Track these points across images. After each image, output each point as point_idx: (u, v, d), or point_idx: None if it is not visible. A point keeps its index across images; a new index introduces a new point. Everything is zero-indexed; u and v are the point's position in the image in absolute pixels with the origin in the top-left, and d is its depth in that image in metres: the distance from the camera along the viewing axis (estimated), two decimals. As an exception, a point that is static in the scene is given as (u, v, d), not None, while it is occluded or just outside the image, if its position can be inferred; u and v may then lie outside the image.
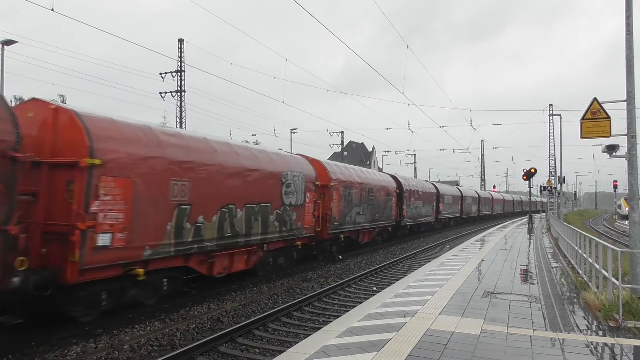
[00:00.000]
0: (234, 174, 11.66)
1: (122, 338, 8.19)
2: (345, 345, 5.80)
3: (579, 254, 12.36)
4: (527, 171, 31.07)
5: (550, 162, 42.00)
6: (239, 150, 12.45)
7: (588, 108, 10.27)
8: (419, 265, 16.11)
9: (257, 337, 8.58)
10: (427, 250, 23.26)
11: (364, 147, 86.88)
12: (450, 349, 5.76)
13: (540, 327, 6.95)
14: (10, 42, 20.35)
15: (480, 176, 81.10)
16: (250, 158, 12.64)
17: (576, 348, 5.97)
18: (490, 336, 6.33)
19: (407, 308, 7.83)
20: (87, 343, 7.82)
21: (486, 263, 13.96)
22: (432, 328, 6.63)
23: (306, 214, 15.57)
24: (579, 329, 6.98)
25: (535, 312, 7.90)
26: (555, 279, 11.62)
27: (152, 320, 9.23)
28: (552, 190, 38.27)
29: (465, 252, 17.25)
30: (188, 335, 8.57)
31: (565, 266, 13.98)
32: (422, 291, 9.35)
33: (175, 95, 33.12)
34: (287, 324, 9.53)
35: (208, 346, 7.72)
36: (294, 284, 13.63)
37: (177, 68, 32.70)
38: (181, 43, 32.89)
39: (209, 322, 9.42)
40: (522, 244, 21.21)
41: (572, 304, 8.71)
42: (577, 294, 9.69)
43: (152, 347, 7.84)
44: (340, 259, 18.60)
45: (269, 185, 13.29)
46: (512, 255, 16.10)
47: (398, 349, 5.66)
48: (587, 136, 10.29)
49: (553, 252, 17.99)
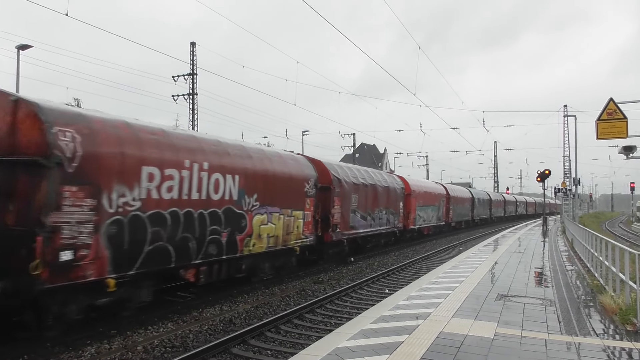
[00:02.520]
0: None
1: (135, 339, 8.25)
2: (357, 348, 5.77)
3: (594, 257, 12.18)
4: (542, 173, 30.71)
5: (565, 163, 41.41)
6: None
7: (604, 109, 10.13)
8: (431, 268, 16.00)
9: (269, 339, 8.59)
10: (440, 252, 23.09)
11: (376, 149, 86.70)
12: (463, 352, 5.70)
13: (556, 330, 6.85)
14: (25, 47, 20.67)
15: (493, 178, 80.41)
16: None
17: (593, 352, 5.87)
18: (504, 339, 6.25)
19: (419, 310, 7.77)
20: (101, 344, 7.89)
21: (500, 266, 13.82)
22: (445, 331, 6.57)
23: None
24: (595, 333, 6.87)
25: (550, 315, 7.79)
26: (570, 282, 11.45)
27: (165, 322, 9.29)
28: (567, 192, 37.77)
29: (478, 254, 17.09)
30: (201, 336, 8.61)
31: (580, 269, 13.78)
32: (435, 294, 9.27)
33: (188, 98, 33.37)
34: (299, 326, 9.52)
35: (220, 348, 7.74)
36: (305, 286, 13.62)
37: (190, 71, 32.96)
38: (193, 46, 33.13)
39: (221, 323, 9.45)
40: (537, 246, 20.96)
41: (588, 308, 8.58)
42: (593, 297, 9.54)
43: (165, 349, 7.89)
44: (352, 261, 18.55)
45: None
46: (526, 258, 15.91)
47: (411, 352, 5.62)
48: (603, 137, 10.16)
49: (568, 255, 17.75)
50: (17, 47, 20.49)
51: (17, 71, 20.04)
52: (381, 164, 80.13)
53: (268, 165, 12.94)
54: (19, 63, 20.21)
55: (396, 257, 21.07)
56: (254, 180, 11.98)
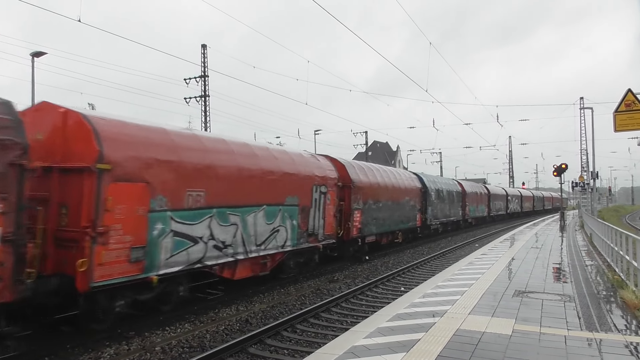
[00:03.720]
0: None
1: (153, 340, 8.33)
2: (373, 346, 5.75)
3: (614, 251, 11.96)
4: (558, 167, 30.21)
5: (582, 157, 40.70)
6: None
7: (622, 100, 9.94)
8: (447, 265, 15.88)
9: (285, 338, 8.60)
10: (455, 249, 22.91)
11: (389, 147, 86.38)
12: (481, 349, 5.64)
13: (575, 326, 6.73)
14: (39, 54, 20.99)
15: (508, 173, 79.53)
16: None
17: (614, 348, 5.76)
18: (522, 336, 6.17)
19: (436, 308, 7.71)
20: (120, 345, 7.98)
21: (517, 262, 13.65)
22: (462, 328, 6.51)
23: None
24: (616, 328, 6.74)
25: (570, 311, 7.67)
26: (590, 277, 11.26)
27: (182, 323, 9.36)
28: (585, 186, 37.14)
29: (494, 250, 16.91)
30: (217, 336, 8.66)
31: (600, 264, 13.54)
32: (451, 291, 9.19)
33: (200, 100, 33.61)
34: (315, 325, 9.52)
35: (237, 347, 7.78)
36: (321, 285, 13.61)
37: (201, 73, 33.19)
38: (204, 48, 33.36)
39: (237, 323, 9.49)
40: (554, 241, 20.66)
41: (609, 303, 8.42)
42: (614, 292, 9.37)
43: (182, 349, 7.95)
44: (366, 260, 18.50)
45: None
46: (544, 254, 15.69)
47: (427, 349, 5.58)
48: (621, 129, 9.96)
49: (587, 250, 17.47)
50: (31, 54, 20.83)
51: (32, 78, 20.39)
52: (394, 162, 79.76)
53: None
54: (34, 70, 20.54)
55: (411, 255, 20.95)
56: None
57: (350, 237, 17.18)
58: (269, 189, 12.01)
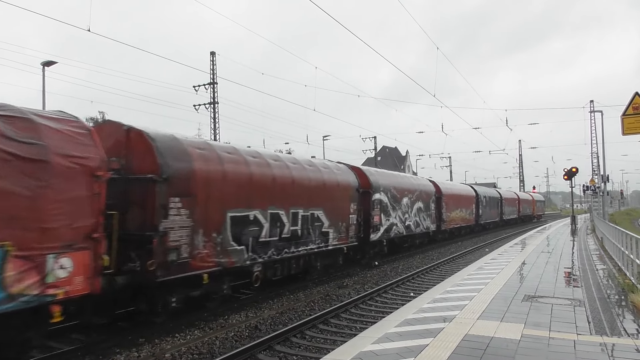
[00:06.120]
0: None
1: (163, 347, 8.39)
2: (381, 352, 5.76)
3: (626, 255, 11.85)
4: (568, 170, 29.93)
5: (593, 160, 40.33)
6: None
7: (629, 103, 9.89)
8: (456, 270, 15.81)
9: (294, 344, 8.63)
10: (465, 254, 22.79)
11: (398, 152, 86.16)
12: (489, 354, 5.63)
13: (585, 331, 6.69)
14: (50, 63, 21.31)
15: (518, 177, 78.94)
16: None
17: (626, 353, 5.72)
18: (531, 341, 6.14)
19: (444, 313, 7.70)
20: (130, 352, 8.05)
21: (527, 266, 13.56)
22: (470, 333, 6.50)
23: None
24: (627, 333, 6.68)
25: (580, 316, 7.61)
26: (600, 281, 11.16)
27: (191, 329, 9.42)
28: (596, 190, 36.78)
29: (505, 255, 16.81)
30: (227, 343, 8.70)
31: (611, 268, 13.41)
32: (460, 296, 9.17)
33: (209, 107, 33.88)
34: (324, 331, 9.54)
35: (247, 354, 7.82)
36: (330, 290, 13.62)
37: (210, 80, 33.48)
38: (213, 56, 33.67)
39: (247, 330, 9.54)
40: (565, 245, 20.48)
41: (620, 307, 8.35)
42: (625, 296, 9.28)
43: (192, 356, 8.00)
44: (376, 265, 18.48)
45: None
46: (555, 258, 15.57)
47: (436, 355, 5.58)
48: (629, 132, 9.91)
49: (598, 254, 17.30)
50: (42, 63, 21.16)
51: (43, 87, 20.70)
52: (403, 167, 79.59)
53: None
54: (45, 79, 20.86)
55: (421, 260, 20.89)
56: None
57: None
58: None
